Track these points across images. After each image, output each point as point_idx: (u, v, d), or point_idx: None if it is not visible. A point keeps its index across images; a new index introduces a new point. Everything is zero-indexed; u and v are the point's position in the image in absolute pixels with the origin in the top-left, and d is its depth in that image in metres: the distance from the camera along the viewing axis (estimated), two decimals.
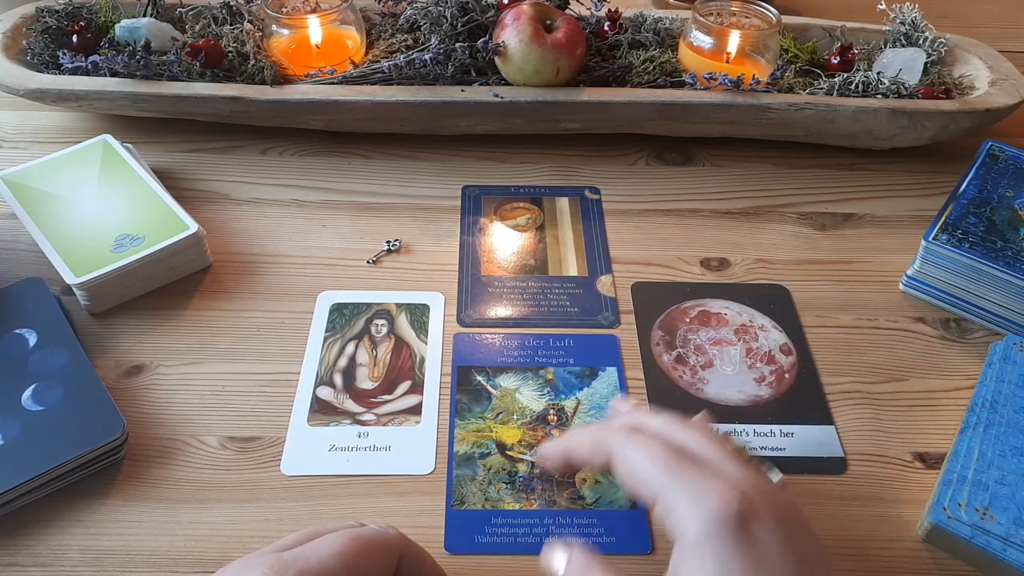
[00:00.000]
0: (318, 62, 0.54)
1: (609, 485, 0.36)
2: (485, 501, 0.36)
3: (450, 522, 0.35)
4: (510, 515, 0.35)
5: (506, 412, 0.39)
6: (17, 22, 0.55)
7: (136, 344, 0.42)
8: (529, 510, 0.35)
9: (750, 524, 0.23)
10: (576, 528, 0.35)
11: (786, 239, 0.50)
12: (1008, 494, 0.34)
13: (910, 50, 0.56)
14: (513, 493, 0.36)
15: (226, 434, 0.38)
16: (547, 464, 0.32)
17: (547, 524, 0.35)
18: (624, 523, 0.35)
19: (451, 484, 0.36)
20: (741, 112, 0.52)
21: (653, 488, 0.25)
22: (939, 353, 0.43)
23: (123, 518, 0.35)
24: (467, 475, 0.37)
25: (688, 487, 0.24)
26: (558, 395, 0.40)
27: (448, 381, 0.41)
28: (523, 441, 0.38)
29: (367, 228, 0.49)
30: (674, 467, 0.25)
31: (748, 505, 0.23)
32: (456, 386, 0.40)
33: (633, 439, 0.27)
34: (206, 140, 0.55)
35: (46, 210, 0.45)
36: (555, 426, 0.39)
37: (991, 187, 0.47)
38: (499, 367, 0.41)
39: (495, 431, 0.38)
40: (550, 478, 0.37)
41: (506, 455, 0.37)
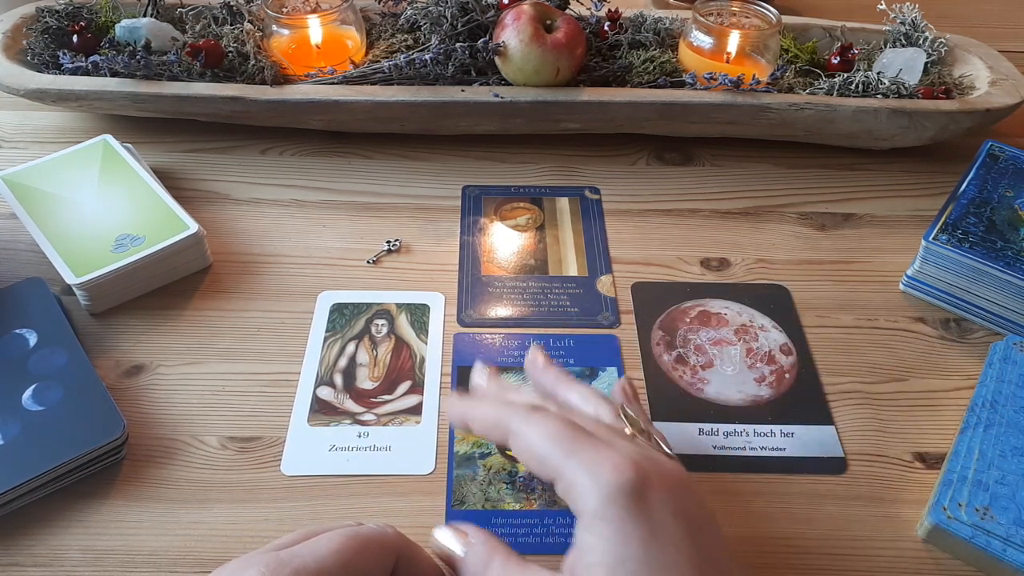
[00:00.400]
0: (318, 62, 0.54)
1: None
2: (485, 501, 0.36)
3: (450, 522, 0.35)
4: (510, 515, 0.35)
5: None
6: (17, 22, 0.55)
7: (136, 344, 0.42)
8: (529, 510, 0.35)
9: (645, 493, 0.24)
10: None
11: (786, 239, 0.50)
12: (1008, 494, 0.34)
13: (910, 50, 0.56)
14: (513, 493, 0.36)
15: (226, 434, 0.38)
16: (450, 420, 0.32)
17: (547, 524, 0.35)
18: None
19: (451, 484, 0.36)
20: (741, 112, 0.52)
21: (552, 465, 0.25)
22: (939, 353, 0.43)
23: (123, 518, 0.35)
24: (467, 475, 0.37)
25: (585, 462, 0.25)
26: None
27: (448, 381, 0.41)
28: None
29: (367, 228, 0.49)
30: (570, 444, 0.25)
31: (641, 475, 0.24)
32: (456, 386, 0.40)
33: (532, 417, 0.27)
34: (206, 140, 0.55)
35: (46, 210, 0.45)
36: None
37: (991, 187, 0.47)
38: (499, 367, 0.41)
39: None
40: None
41: (506, 455, 0.37)
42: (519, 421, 0.27)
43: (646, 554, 0.23)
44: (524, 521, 0.35)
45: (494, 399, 0.30)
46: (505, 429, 0.27)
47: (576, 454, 0.25)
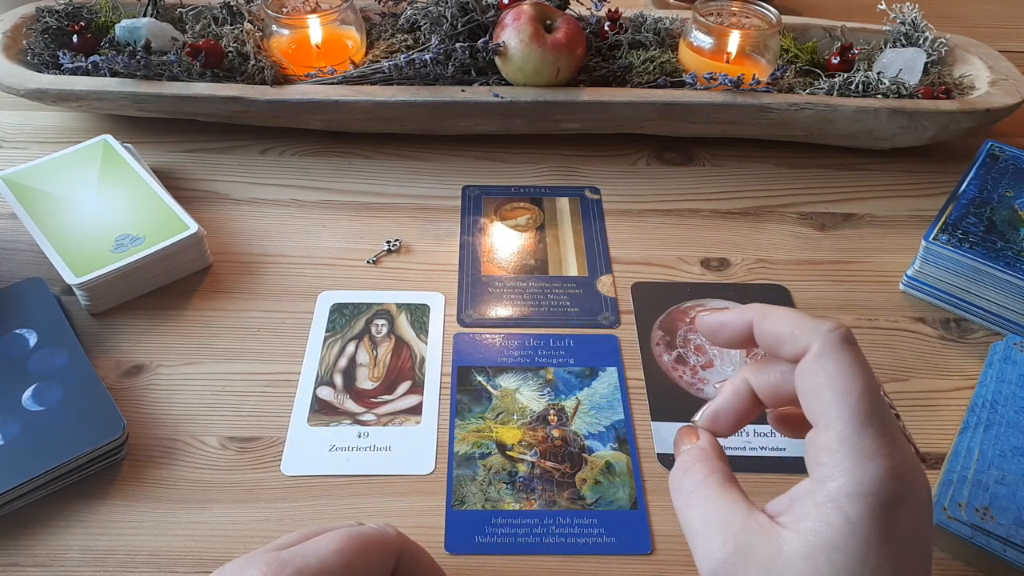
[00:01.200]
0: (318, 62, 0.54)
1: (609, 485, 0.36)
2: (485, 501, 0.36)
3: (450, 522, 0.35)
4: (510, 515, 0.35)
5: (506, 412, 0.39)
6: (17, 22, 0.55)
7: (136, 344, 0.42)
8: (529, 510, 0.35)
9: (900, 507, 0.22)
10: (576, 528, 0.35)
11: (786, 239, 0.50)
12: (1008, 494, 0.34)
13: (910, 50, 0.56)
14: (513, 493, 0.36)
15: (226, 434, 0.38)
16: (707, 330, 0.27)
17: (547, 524, 0.35)
18: (624, 523, 0.35)
19: (451, 484, 0.36)
20: (741, 112, 0.52)
21: (839, 421, 0.22)
22: (939, 353, 0.43)
23: (123, 518, 0.35)
24: (467, 475, 0.37)
25: (866, 446, 0.22)
26: (558, 395, 0.40)
27: (448, 381, 0.41)
28: (523, 441, 0.38)
29: (367, 228, 0.49)
30: (869, 415, 0.22)
31: (904, 487, 0.22)
32: (456, 386, 0.40)
33: (851, 352, 0.23)
34: (206, 140, 0.55)
35: (46, 210, 0.45)
36: (555, 426, 0.39)
37: (991, 187, 0.47)
38: (499, 367, 0.41)
39: (495, 431, 0.38)
40: (550, 478, 0.37)
41: (506, 455, 0.37)
42: (833, 345, 0.23)
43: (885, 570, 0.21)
44: (524, 521, 0.35)
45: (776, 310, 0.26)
46: (804, 344, 0.24)
47: (865, 430, 0.22)
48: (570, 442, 0.38)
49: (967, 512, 0.33)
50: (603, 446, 0.38)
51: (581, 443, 0.38)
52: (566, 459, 0.37)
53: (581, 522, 0.35)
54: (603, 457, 0.37)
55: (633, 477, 0.37)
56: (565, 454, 0.37)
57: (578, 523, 0.35)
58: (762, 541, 0.23)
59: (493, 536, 0.34)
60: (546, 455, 0.37)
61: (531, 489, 0.36)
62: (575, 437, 0.38)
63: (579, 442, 0.38)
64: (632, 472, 0.37)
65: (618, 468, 0.37)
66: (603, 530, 0.35)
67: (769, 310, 0.26)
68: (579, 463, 0.37)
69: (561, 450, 0.38)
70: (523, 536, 0.35)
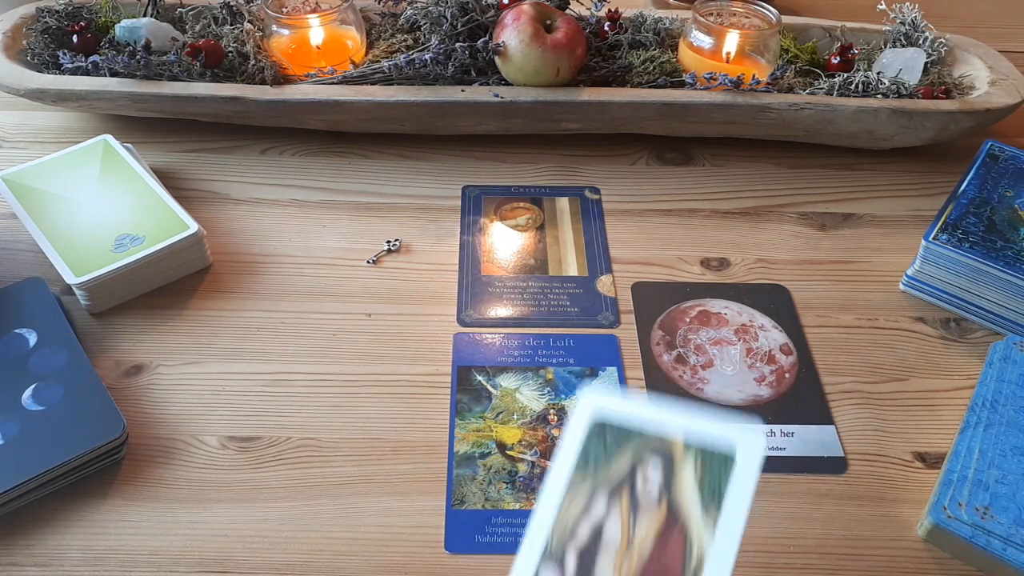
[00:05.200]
0: (318, 62, 0.54)
1: None
2: (485, 501, 0.36)
3: (450, 522, 0.35)
4: (510, 515, 0.35)
5: (506, 412, 0.39)
6: (17, 22, 0.55)
7: (136, 344, 0.42)
8: (529, 509, 0.35)
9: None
10: None
11: (786, 239, 0.50)
12: (1008, 494, 0.34)
13: (910, 50, 0.56)
14: (513, 493, 0.36)
15: (226, 434, 0.38)
16: None
17: None
18: None
19: (451, 484, 0.36)
20: (741, 112, 0.52)
21: None
22: (939, 353, 0.43)
23: (123, 518, 0.35)
24: (467, 475, 0.37)
25: None
26: (558, 395, 0.40)
27: (448, 381, 0.41)
28: (523, 441, 0.38)
29: (367, 228, 0.49)
30: None
31: None
32: (456, 386, 0.40)
33: None
34: (206, 140, 0.55)
35: (46, 210, 0.45)
36: (555, 426, 0.39)
37: (991, 187, 0.47)
38: (499, 367, 0.41)
39: (495, 431, 0.38)
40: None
41: (506, 455, 0.37)
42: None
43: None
44: (524, 521, 0.35)
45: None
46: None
47: None
48: None
49: (967, 511, 0.33)
50: None
51: None
52: None
53: None
54: None
55: None
56: None
57: None
58: None
59: (493, 536, 0.34)
60: (546, 454, 0.37)
61: (531, 488, 0.36)
62: None
63: None
64: None
65: None
66: None
67: None
68: None
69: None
70: (523, 536, 0.34)
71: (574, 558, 0.25)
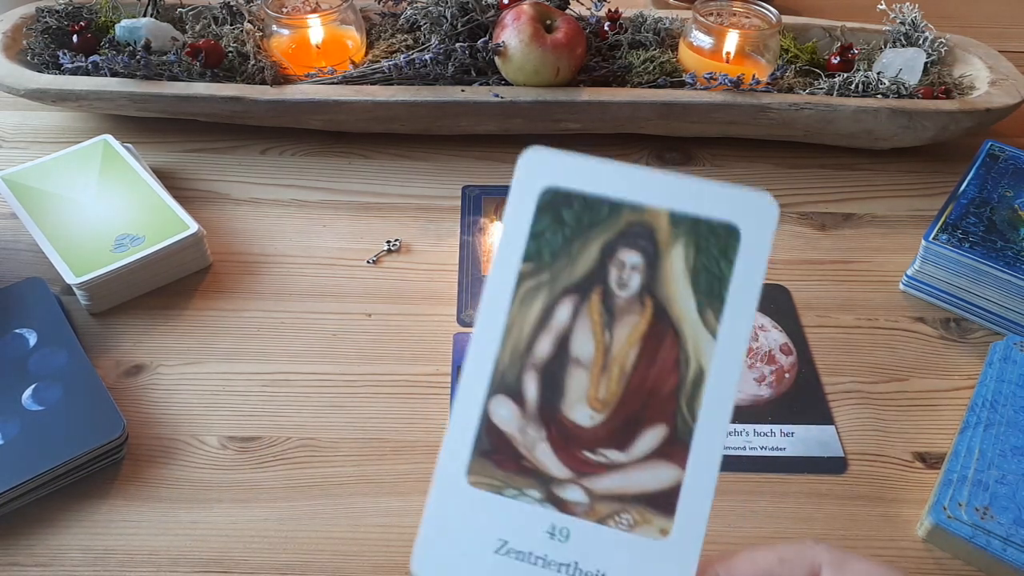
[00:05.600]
0: (318, 62, 0.54)
1: None
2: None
3: None
4: None
5: None
6: (17, 22, 0.55)
7: (136, 344, 0.42)
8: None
9: None
10: None
11: (786, 239, 0.50)
12: (1008, 494, 0.34)
13: (910, 50, 0.56)
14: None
15: (226, 434, 0.38)
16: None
17: None
18: None
19: None
20: (741, 112, 0.52)
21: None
22: (939, 353, 0.43)
23: (123, 518, 0.35)
24: None
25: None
26: None
27: (448, 381, 0.41)
28: None
29: (367, 228, 0.49)
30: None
31: None
32: (456, 386, 0.40)
33: (854, 557, 0.19)
34: (206, 140, 0.55)
35: (46, 210, 0.45)
36: None
37: (991, 187, 0.47)
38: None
39: None
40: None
41: None
42: (838, 556, 0.19)
43: None
44: None
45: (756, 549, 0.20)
46: (811, 564, 0.19)
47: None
48: None
49: (967, 511, 0.33)
50: None
51: None
52: None
53: None
54: None
55: None
56: None
57: None
58: None
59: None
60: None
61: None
62: None
63: None
64: None
65: None
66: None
67: (733, 558, 0.19)
68: None
69: None
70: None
71: (534, 384, 0.19)
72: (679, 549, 0.18)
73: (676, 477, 0.19)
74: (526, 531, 0.19)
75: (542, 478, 0.19)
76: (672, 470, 0.19)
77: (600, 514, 0.19)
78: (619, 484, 0.19)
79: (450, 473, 0.19)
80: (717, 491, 0.18)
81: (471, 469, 0.19)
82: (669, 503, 0.19)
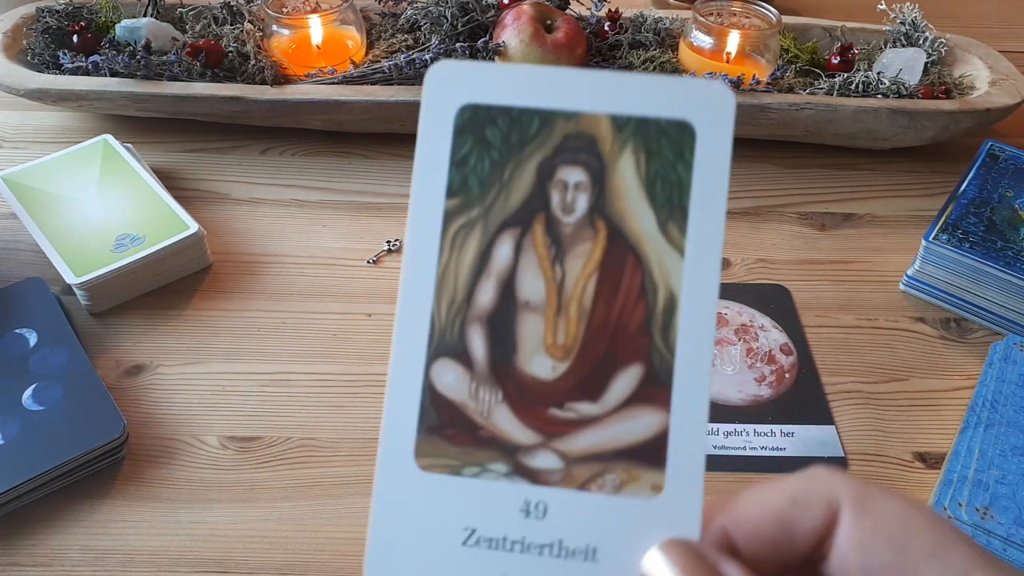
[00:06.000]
0: (318, 62, 0.54)
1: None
2: None
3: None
4: None
5: None
6: (17, 22, 0.55)
7: (136, 344, 0.42)
8: None
9: None
10: None
11: (786, 239, 0.50)
12: (1009, 494, 0.34)
13: (910, 50, 0.56)
14: None
15: (226, 434, 0.38)
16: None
17: None
18: None
19: None
20: (741, 112, 0.52)
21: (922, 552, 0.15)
22: (939, 353, 0.43)
23: (123, 518, 0.35)
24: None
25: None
26: None
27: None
28: None
29: (367, 228, 0.49)
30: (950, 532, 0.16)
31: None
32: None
33: (886, 491, 0.17)
34: (206, 140, 0.55)
35: (46, 210, 0.45)
36: None
37: (991, 187, 0.47)
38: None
39: None
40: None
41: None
42: (863, 489, 0.17)
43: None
44: None
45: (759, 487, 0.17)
46: (827, 500, 0.17)
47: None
48: None
49: (967, 512, 0.33)
50: None
51: None
52: None
53: None
54: None
55: None
56: None
57: None
58: None
59: None
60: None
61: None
62: None
63: None
64: None
65: None
66: None
67: (737, 504, 0.17)
68: None
69: None
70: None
71: (480, 339, 0.16)
72: (677, 504, 0.16)
73: (661, 423, 0.16)
74: (496, 513, 0.16)
75: (506, 447, 0.16)
76: (655, 415, 0.16)
77: (579, 479, 0.16)
78: (596, 441, 0.16)
79: (395, 459, 0.16)
80: (716, 491, 0.16)
81: (419, 450, 0.16)
82: (657, 454, 0.16)
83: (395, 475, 0.16)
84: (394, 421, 0.16)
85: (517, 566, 0.16)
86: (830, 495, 0.17)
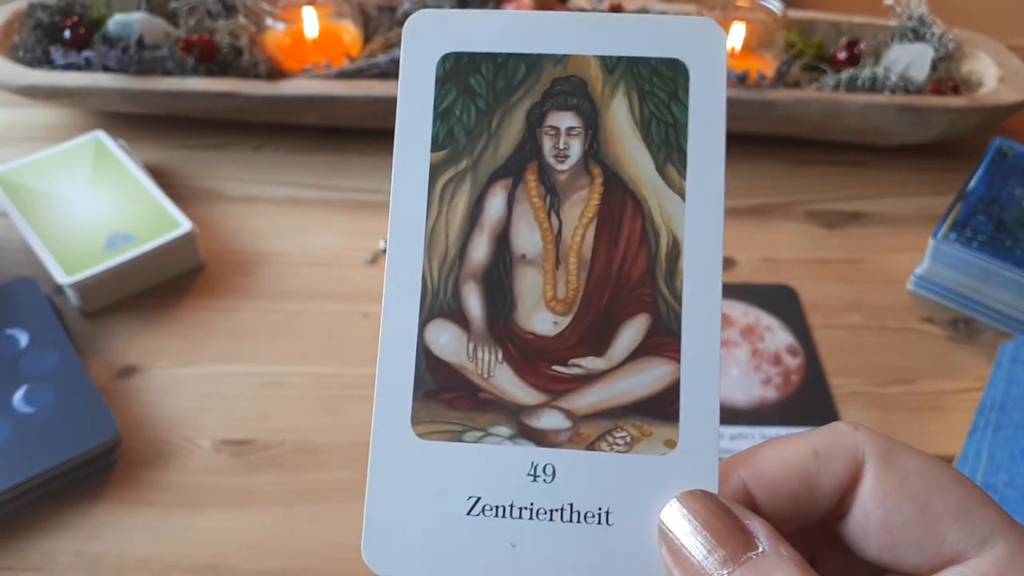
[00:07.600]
0: (314, 57, 0.53)
1: None
2: None
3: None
4: None
5: None
6: (9, 17, 0.55)
7: (128, 344, 0.41)
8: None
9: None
10: None
11: (793, 238, 0.49)
12: (1017, 497, 0.33)
13: (918, 46, 0.55)
14: None
15: (220, 437, 0.37)
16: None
17: None
18: None
19: None
20: (747, 107, 0.51)
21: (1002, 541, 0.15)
22: (948, 354, 0.42)
23: (116, 522, 0.34)
24: None
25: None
26: None
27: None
28: None
29: (363, 226, 0.48)
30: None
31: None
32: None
33: (909, 448, 0.16)
34: (200, 137, 0.54)
35: (37, 208, 0.44)
36: None
37: (1000, 185, 0.46)
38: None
39: None
40: None
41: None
42: (885, 443, 0.17)
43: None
44: None
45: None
46: (852, 455, 0.16)
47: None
48: None
49: None
50: None
51: None
52: None
53: None
54: None
55: None
56: None
57: None
58: None
59: None
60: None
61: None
62: None
63: None
64: None
65: None
66: None
67: (756, 458, 0.16)
68: None
69: None
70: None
71: (476, 297, 0.16)
72: (692, 459, 0.15)
73: (671, 374, 0.16)
74: (501, 479, 0.15)
75: (509, 409, 0.16)
76: (664, 366, 0.16)
77: (588, 438, 0.15)
78: (604, 397, 0.16)
79: (391, 428, 0.16)
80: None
81: (416, 417, 0.16)
82: (669, 407, 0.15)
83: (391, 445, 0.16)
84: (388, 389, 0.16)
85: (526, 534, 0.15)
86: (854, 449, 0.16)
